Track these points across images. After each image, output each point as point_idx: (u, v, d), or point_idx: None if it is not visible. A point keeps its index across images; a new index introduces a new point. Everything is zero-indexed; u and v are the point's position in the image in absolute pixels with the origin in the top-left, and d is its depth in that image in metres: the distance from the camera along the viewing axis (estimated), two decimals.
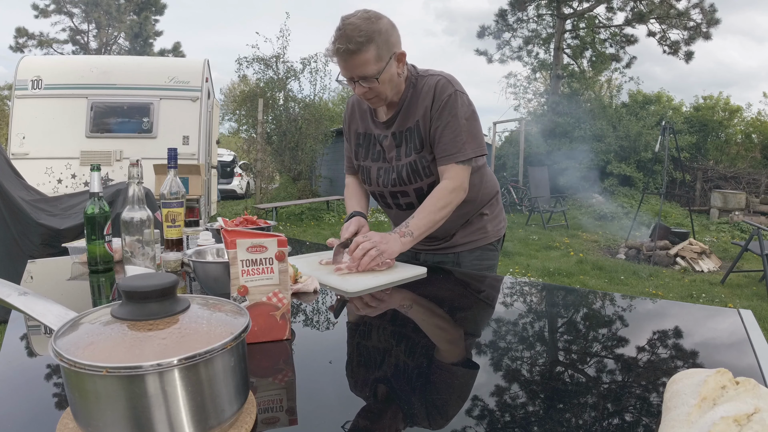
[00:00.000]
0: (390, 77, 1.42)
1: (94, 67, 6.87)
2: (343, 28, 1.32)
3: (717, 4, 12.77)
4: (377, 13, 1.38)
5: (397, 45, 1.41)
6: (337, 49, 1.33)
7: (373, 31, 1.33)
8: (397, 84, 1.48)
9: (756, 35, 34.57)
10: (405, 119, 1.52)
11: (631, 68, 14.52)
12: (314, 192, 12.32)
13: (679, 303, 1.17)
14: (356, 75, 1.38)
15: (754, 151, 12.58)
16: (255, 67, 11.55)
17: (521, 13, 14.54)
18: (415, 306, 1.17)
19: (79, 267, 1.49)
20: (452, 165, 1.46)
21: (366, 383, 0.74)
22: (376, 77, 1.38)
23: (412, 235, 1.42)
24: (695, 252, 6.14)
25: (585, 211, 10.65)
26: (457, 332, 1.01)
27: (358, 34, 1.31)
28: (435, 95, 1.46)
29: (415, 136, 1.51)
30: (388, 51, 1.38)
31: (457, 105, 1.45)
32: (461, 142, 1.45)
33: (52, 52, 19.80)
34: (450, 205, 1.47)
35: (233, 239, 0.84)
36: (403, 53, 1.43)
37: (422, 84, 1.49)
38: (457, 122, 1.45)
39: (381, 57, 1.37)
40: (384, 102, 1.49)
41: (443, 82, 1.47)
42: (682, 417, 0.54)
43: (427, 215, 1.44)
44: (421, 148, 1.51)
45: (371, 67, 1.36)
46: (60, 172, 6.58)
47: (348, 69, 1.38)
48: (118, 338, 0.54)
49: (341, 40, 1.32)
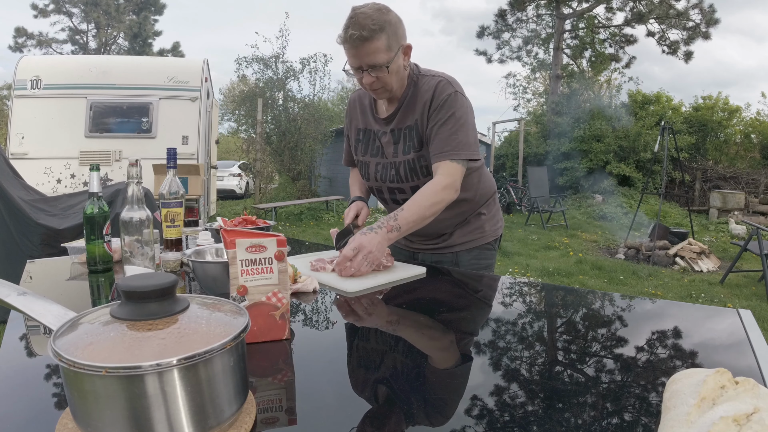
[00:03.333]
0: (397, 68, 1.43)
1: (94, 67, 6.87)
2: (355, 16, 1.34)
3: (716, 4, 12.80)
4: (386, 6, 1.40)
5: (404, 37, 1.44)
6: (350, 35, 1.34)
7: (384, 20, 1.35)
8: (403, 77, 1.49)
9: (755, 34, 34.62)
10: (404, 117, 1.53)
11: (631, 68, 14.55)
12: (313, 192, 12.32)
13: (678, 303, 1.17)
14: (366, 63, 1.39)
15: (753, 151, 12.58)
16: (254, 67, 11.56)
17: (520, 13, 14.54)
18: (415, 306, 1.17)
19: (79, 267, 1.49)
20: (446, 162, 1.44)
21: (366, 383, 0.74)
22: (386, 65, 1.39)
23: (399, 230, 1.39)
24: (694, 252, 6.14)
25: (584, 211, 10.65)
26: (457, 332, 1.01)
27: (371, 22, 1.33)
28: (434, 95, 1.47)
29: (414, 134, 1.52)
30: (397, 42, 1.40)
31: (455, 105, 1.46)
32: (456, 141, 1.45)
33: (51, 51, 19.79)
34: (441, 203, 1.44)
35: (232, 239, 0.84)
36: (409, 46, 1.45)
37: (423, 83, 1.50)
38: (454, 121, 1.45)
39: (391, 47, 1.38)
40: (389, 93, 1.49)
41: (444, 82, 1.48)
42: (681, 417, 0.54)
43: (416, 210, 1.41)
44: (420, 147, 1.51)
45: (382, 55, 1.37)
46: (59, 172, 6.57)
47: (358, 57, 1.38)
48: (118, 338, 0.54)
49: (354, 26, 1.33)
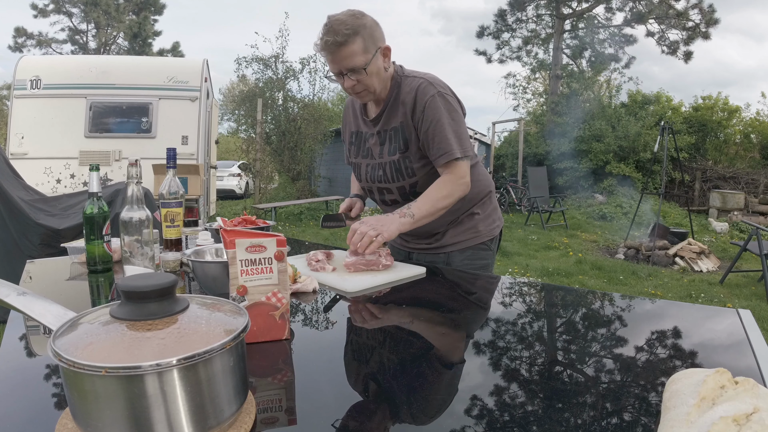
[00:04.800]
0: (377, 70, 1.46)
1: (93, 67, 6.86)
2: (330, 23, 1.38)
3: (715, 3, 12.81)
4: (361, 11, 1.44)
5: (381, 40, 1.46)
6: (325, 42, 1.38)
7: (358, 25, 1.38)
8: (384, 79, 1.51)
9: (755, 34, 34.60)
10: (389, 118, 1.56)
11: (630, 68, 14.55)
12: (313, 192, 12.31)
13: (678, 303, 1.17)
14: (344, 67, 1.42)
15: (753, 151, 12.58)
16: (254, 67, 11.56)
17: (520, 13, 14.54)
18: (414, 306, 1.17)
19: (78, 267, 1.49)
20: (449, 163, 1.49)
21: (365, 383, 0.74)
22: (364, 68, 1.41)
23: (413, 216, 1.45)
24: (694, 252, 6.14)
25: (584, 211, 10.65)
26: (456, 332, 1.01)
27: (345, 28, 1.36)
28: (416, 98, 1.49)
29: (400, 136, 1.54)
30: (374, 44, 1.43)
31: (439, 106, 1.48)
32: (448, 142, 1.48)
33: (51, 51, 19.79)
34: (453, 195, 1.49)
35: (232, 239, 0.84)
36: (388, 48, 1.48)
37: (405, 84, 1.53)
38: (442, 123, 1.47)
39: (367, 49, 1.41)
40: (373, 96, 1.52)
41: (424, 84, 1.50)
42: (681, 417, 0.54)
43: (429, 200, 1.47)
44: (406, 149, 1.54)
45: (359, 58, 1.40)
46: (59, 172, 6.57)
47: (336, 62, 1.42)
48: (117, 338, 0.54)
49: (329, 33, 1.37)
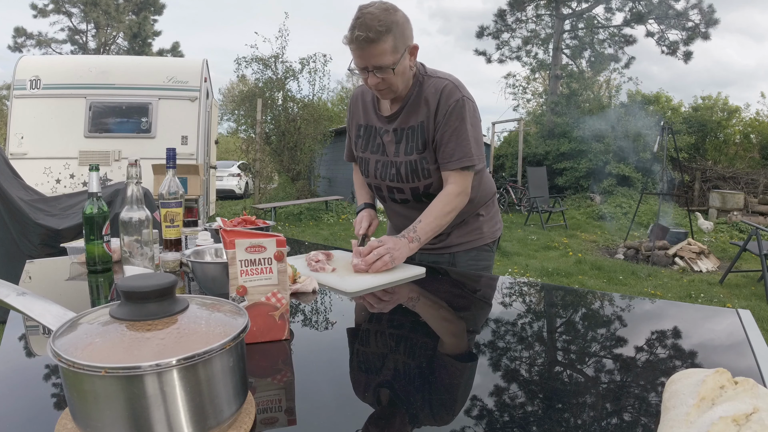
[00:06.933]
0: (403, 69, 1.42)
1: (93, 67, 6.86)
2: (362, 16, 1.31)
3: (715, 3, 12.85)
4: (394, 5, 1.38)
5: (410, 38, 1.42)
6: (357, 36, 1.32)
7: (391, 21, 1.33)
8: (408, 78, 1.48)
9: (754, 33, 34.61)
10: (408, 117, 1.52)
11: (630, 68, 14.56)
12: (313, 192, 12.30)
13: (677, 303, 1.17)
14: (372, 65, 1.37)
15: (753, 151, 12.58)
16: (254, 67, 11.54)
17: (520, 13, 14.54)
18: (414, 306, 1.17)
19: (78, 267, 1.49)
20: (457, 171, 1.47)
21: (365, 383, 0.74)
22: (392, 68, 1.37)
23: (419, 240, 1.46)
24: (694, 252, 6.14)
25: (584, 211, 10.66)
26: (456, 332, 1.01)
27: (378, 24, 1.30)
28: (441, 100, 1.46)
29: (418, 136, 1.51)
30: (404, 43, 1.38)
31: (465, 111, 1.46)
32: (468, 148, 1.46)
33: (50, 51, 19.80)
34: (455, 210, 1.50)
35: (232, 239, 0.84)
36: (416, 46, 1.44)
37: (429, 84, 1.49)
38: (465, 128, 1.46)
39: (397, 48, 1.36)
40: (394, 94, 1.49)
41: (450, 86, 1.47)
42: (681, 417, 0.54)
43: (434, 220, 1.47)
44: (423, 150, 1.51)
45: (388, 57, 1.36)
46: (58, 172, 6.57)
47: (364, 58, 1.37)
48: (117, 338, 0.54)
49: (361, 28, 1.31)
